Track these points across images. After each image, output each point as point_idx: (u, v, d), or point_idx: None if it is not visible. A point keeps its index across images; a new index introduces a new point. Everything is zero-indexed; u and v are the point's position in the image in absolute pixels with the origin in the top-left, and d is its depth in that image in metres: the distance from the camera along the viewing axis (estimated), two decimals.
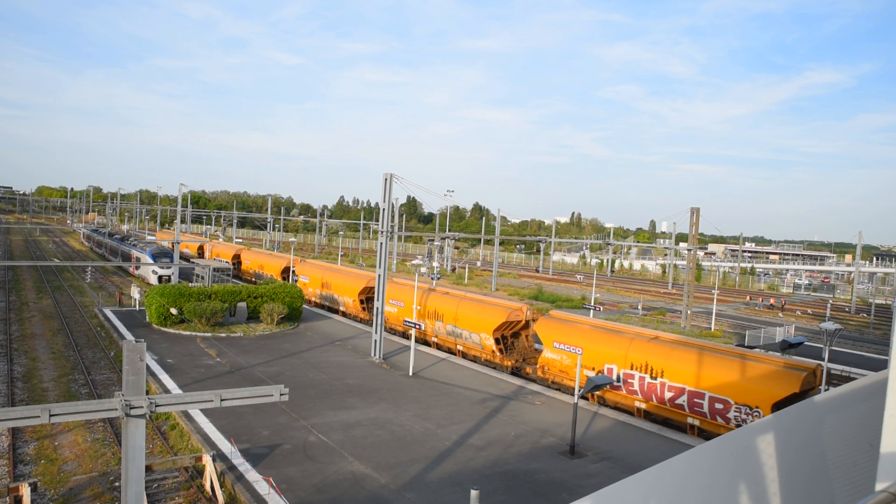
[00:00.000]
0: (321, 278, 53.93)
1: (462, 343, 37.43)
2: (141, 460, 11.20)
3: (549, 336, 31.99)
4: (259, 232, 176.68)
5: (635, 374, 27.54)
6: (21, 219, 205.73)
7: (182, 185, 61.56)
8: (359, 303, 47.55)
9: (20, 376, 30.51)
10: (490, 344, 35.12)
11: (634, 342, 28.37)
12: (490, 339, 35.02)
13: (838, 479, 4.00)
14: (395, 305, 43.20)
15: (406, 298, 41.72)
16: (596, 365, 29.05)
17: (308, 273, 56.88)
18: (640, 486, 4.86)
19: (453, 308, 38.14)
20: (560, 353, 31.06)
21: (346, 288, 49.74)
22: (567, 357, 30.68)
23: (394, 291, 43.14)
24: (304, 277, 56.70)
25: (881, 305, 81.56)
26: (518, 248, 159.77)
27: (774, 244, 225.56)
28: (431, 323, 39.53)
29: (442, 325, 38.79)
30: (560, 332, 31.67)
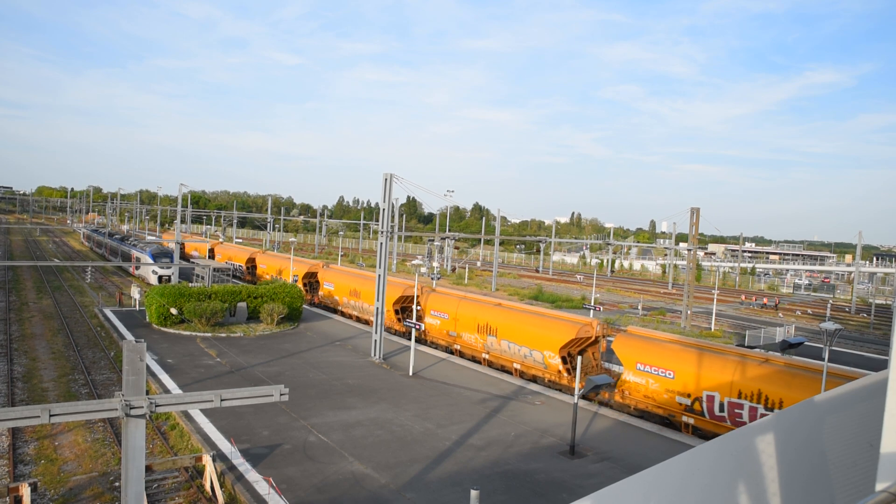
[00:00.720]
0: (349, 286, 49.42)
1: (520, 361, 33.49)
2: (141, 460, 11.20)
3: (630, 356, 28.39)
4: (259, 232, 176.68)
5: (744, 404, 23.87)
6: (21, 219, 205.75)
7: (182, 185, 61.61)
8: (393, 313, 43.36)
9: (20, 376, 30.51)
10: (556, 363, 31.13)
11: (742, 366, 24.57)
12: (556, 358, 31.02)
13: (838, 479, 4.00)
14: (438, 317, 39.53)
15: (450, 309, 38.59)
16: (691, 391, 25.48)
17: (334, 280, 52.69)
18: (640, 486, 4.86)
19: (511, 322, 34.30)
20: (645, 375, 27.40)
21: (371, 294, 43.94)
22: (654, 381, 26.99)
23: (437, 302, 40.14)
24: (329, 284, 52.97)
25: (881, 305, 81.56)
26: (518, 248, 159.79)
27: (774, 244, 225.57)
28: (482, 338, 35.80)
29: (495, 341, 34.83)
30: (645, 351, 28.07)
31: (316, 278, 57.05)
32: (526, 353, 32.99)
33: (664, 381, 26.64)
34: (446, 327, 38.75)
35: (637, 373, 27.87)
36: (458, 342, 37.94)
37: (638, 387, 27.76)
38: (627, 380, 28.25)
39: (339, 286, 51.35)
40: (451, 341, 38.33)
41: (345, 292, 50.33)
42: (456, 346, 38.11)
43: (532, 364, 32.81)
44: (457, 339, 38.00)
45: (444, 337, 39.29)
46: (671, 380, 26.23)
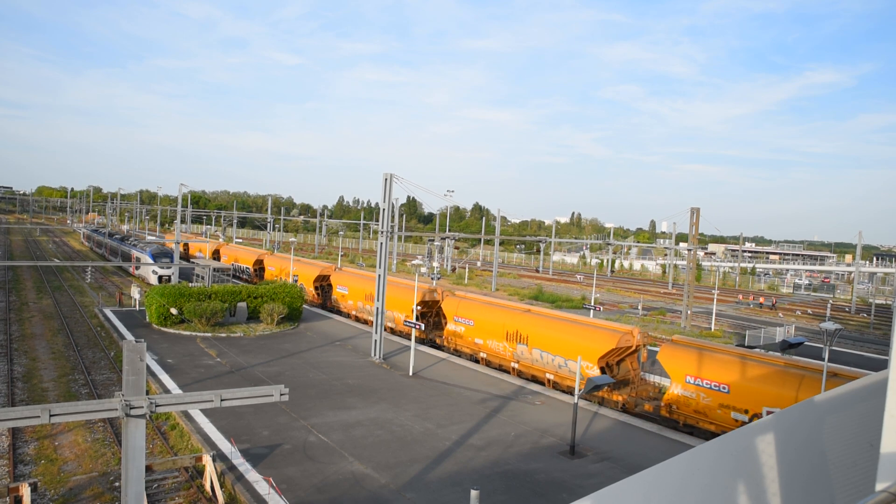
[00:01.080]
0: (366, 289, 45.99)
1: (553, 371, 31.46)
2: (141, 460, 11.20)
3: (679, 368, 26.95)
4: (259, 232, 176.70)
5: None
6: (21, 219, 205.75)
7: (182, 185, 61.59)
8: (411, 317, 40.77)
9: (20, 376, 30.51)
10: (594, 374, 28.96)
11: (801, 379, 23.30)
12: (595, 369, 29.07)
13: (838, 479, 4.00)
14: (462, 324, 37.18)
15: (475, 315, 36.68)
16: (750, 407, 24.17)
17: (348, 283, 49.44)
18: (640, 486, 4.86)
19: (544, 330, 32.36)
20: (696, 389, 26.00)
21: (401, 302, 42.25)
22: (707, 395, 25.59)
23: (461, 307, 38.04)
24: (343, 288, 49.85)
25: (881, 305, 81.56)
26: (518, 248, 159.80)
27: (774, 244, 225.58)
28: (511, 346, 33.90)
29: (526, 350, 32.95)
30: (696, 363, 26.46)
31: (328, 281, 54.39)
32: (560, 364, 30.85)
33: (718, 396, 25.21)
34: (472, 334, 36.64)
35: (687, 386, 26.28)
36: (484, 350, 35.80)
37: (688, 401, 26.30)
38: (675, 393, 26.68)
39: (354, 290, 48.28)
40: (477, 349, 36.11)
41: (360, 297, 47.44)
42: (482, 355, 35.83)
43: (567, 375, 30.54)
44: (482, 347, 35.88)
45: (468, 344, 37.00)
46: (726, 394, 24.76)
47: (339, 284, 50.96)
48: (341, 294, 50.39)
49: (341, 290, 50.48)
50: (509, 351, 34.17)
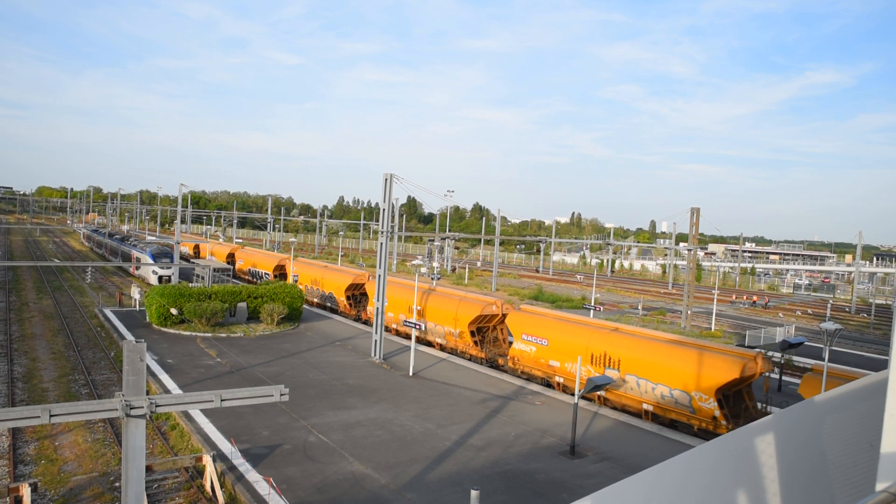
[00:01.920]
0: (408, 301, 40.98)
1: (653, 402, 27.05)
2: (141, 460, 11.20)
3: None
4: (259, 232, 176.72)
5: None
6: (21, 219, 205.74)
7: (182, 185, 61.50)
8: (469, 335, 36.83)
9: (20, 376, 30.51)
10: (709, 407, 24.97)
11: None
12: (710, 402, 24.96)
13: (838, 479, 4.00)
14: (533, 343, 32.49)
15: (549, 334, 31.76)
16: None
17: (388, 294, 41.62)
18: (640, 486, 4.86)
19: (640, 353, 27.83)
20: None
21: (448, 315, 37.81)
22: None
23: (530, 324, 33.10)
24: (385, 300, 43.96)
25: (881, 305, 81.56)
26: (518, 248, 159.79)
27: (774, 244, 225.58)
28: (596, 370, 29.13)
29: (617, 375, 28.35)
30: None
31: (362, 290, 49.66)
32: (664, 394, 26.64)
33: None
34: (545, 356, 31.76)
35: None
36: (561, 374, 31.04)
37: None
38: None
39: (394, 301, 42.66)
40: (551, 372, 31.48)
41: (402, 308, 42.17)
42: (557, 379, 31.12)
43: (671, 406, 26.43)
44: (558, 371, 31.18)
45: (540, 367, 32.16)
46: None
47: None
48: None
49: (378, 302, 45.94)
50: (594, 375, 28.70)
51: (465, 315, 36.72)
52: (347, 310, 50.13)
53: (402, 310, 42.25)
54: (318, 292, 53.99)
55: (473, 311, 36.50)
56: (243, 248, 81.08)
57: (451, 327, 37.85)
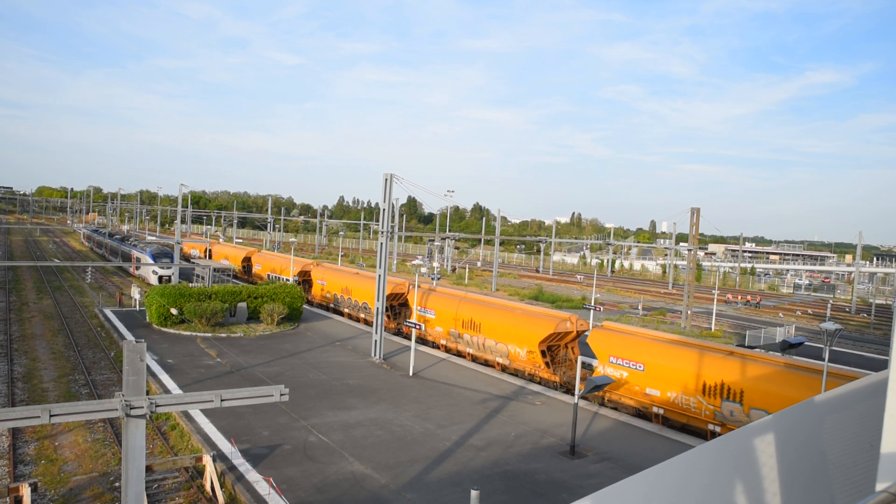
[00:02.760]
0: (462, 314, 36.56)
1: None
2: (141, 460, 11.20)
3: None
4: (259, 232, 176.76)
5: None
6: (21, 219, 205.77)
7: (182, 185, 61.48)
8: (539, 355, 31.71)
9: (20, 376, 30.51)
10: None
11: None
12: None
13: (838, 479, 4.00)
14: (625, 368, 27.83)
15: (649, 359, 27.28)
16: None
17: (435, 305, 39.45)
18: (640, 486, 4.86)
19: (771, 385, 23.34)
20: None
21: (515, 333, 33.28)
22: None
23: (623, 346, 28.52)
24: (429, 311, 39.71)
25: (881, 305, 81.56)
26: (518, 248, 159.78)
27: (774, 244, 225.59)
28: (711, 402, 24.67)
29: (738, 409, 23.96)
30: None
31: (402, 300, 45.06)
32: None
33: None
34: (639, 382, 27.42)
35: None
36: (661, 403, 26.77)
37: None
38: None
39: (442, 314, 38.25)
40: (648, 402, 27.10)
41: (453, 322, 37.65)
42: (656, 410, 26.91)
43: None
44: (658, 401, 26.81)
45: (632, 395, 27.68)
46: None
47: (423, 306, 40.45)
48: (425, 319, 40.07)
49: (426, 314, 40.01)
50: (708, 408, 24.94)
51: (535, 333, 31.88)
52: (385, 322, 43.06)
53: (452, 323, 37.33)
54: (350, 302, 48.38)
55: (545, 328, 31.62)
56: (260, 251, 74.49)
57: (515, 346, 33.02)
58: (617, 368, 28.10)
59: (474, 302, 37.76)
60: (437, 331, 38.77)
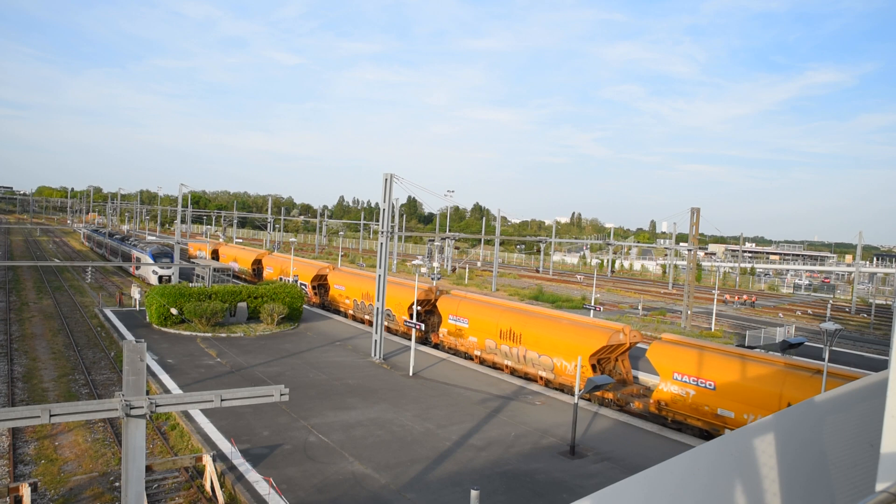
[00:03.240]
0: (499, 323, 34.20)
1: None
2: (141, 460, 11.20)
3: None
4: (259, 232, 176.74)
5: None
6: (21, 219, 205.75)
7: (182, 185, 61.47)
8: (590, 370, 29.51)
9: (20, 376, 30.51)
10: None
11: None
12: None
13: (838, 480, 4.00)
14: (695, 386, 25.50)
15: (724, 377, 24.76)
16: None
17: (469, 313, 36.47)
18: (640, 486, 4.86)
19: None
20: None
21: (563, 345, 30.56)
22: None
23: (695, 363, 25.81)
24: (462, 320, 36.69)
25: (881, 306, 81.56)
26: (518, 248, 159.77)
27: (774, 244, 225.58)
28: None
29: None
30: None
31: (429, 306, 41.74)
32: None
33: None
34: (709, 402, 25.05)
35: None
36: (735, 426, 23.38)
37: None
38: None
39: (477, 323, 35.50)
40: (719, 423, 25.03)
41: (491, 332, 34.79)
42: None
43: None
44: (730, 422, 24.63)
45: (701, 415, 25.56)
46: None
47: (455, 314, 37.06)
48: (457, 328, 36.89)
49: (457, 323, 37.03)
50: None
51: (585, 345, 29.29)
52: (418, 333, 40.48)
53: (491, 333, 34.57)
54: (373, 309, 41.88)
55: (597, 339, 29.20)
56: (271, 253, 69.38)
57: (562, 359, 30.57)
58: (682, 386, 25.82)
59: (515, 311, 34.84)
60: (471, 341, 35.76)
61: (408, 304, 39.68)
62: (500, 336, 34.11)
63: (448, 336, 37.97)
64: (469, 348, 36.50)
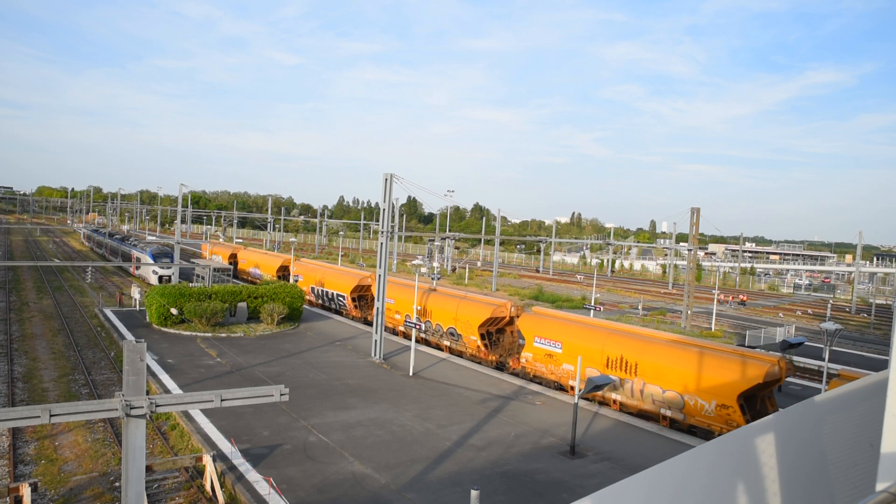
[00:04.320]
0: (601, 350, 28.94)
1: None
2: (141, 460, 11.20)
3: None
4: (259, 232, 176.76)
5: None
6: (21, 219, 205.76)
7: (182, 185, 61.44)
8: (738, 411, 24.19)
9: (20, 376, 30.51)
10: None
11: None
12: None
13: (838, 480, 4.00)
14: None
15: None
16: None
17: (561, 336, 30.89)
18: (640, 486, 4.85)
19: None
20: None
21: (700, 379, 25.34)
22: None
23: None
24: (554, 344, 30.98)
25: (881, 305, 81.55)
26: (518, 248, 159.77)
27: (775, 244, 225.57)
28: None
29: None
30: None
31: (500, 326, 36.34)
32: None
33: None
34: None
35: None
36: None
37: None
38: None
39: (577, 349, 29.13)
40: None
41: (593, 361, 29.03)
42: None
43: None
44: None
45: None
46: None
47: (544, 336, 31.71)
48: (547, 353, 31.35)
49: (549, 347, 31.36)
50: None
51: (732, 381, 24.20)
52: (485, 354, 35.77)
53: (591, 361, 28.84)
54: (431, 328, 39.07)
55: (750, 373, 23.89)
56: (299, 259, 61.77)
57: (698, 397, 25.34)
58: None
59: (627, 335, 29.34)
60: (566, 369, 30.47)
61: (478, 322, 34.59)
62: (608, 366, 28.65)
63: (534, 362, 32.47)
64: (561, 377, 31.04)
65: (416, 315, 36.49)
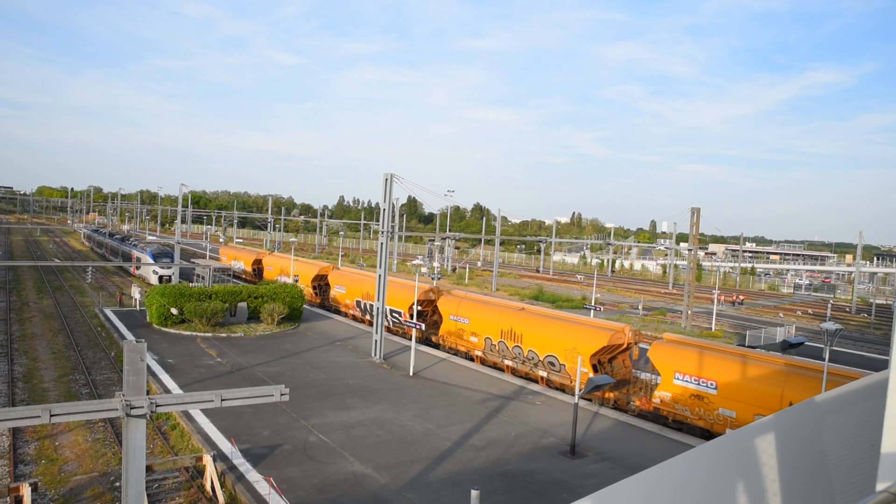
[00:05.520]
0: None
1: None
2: (141, 460, 11.21)
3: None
4: (259, 232, 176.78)
5: None
6: (21, 219, 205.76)
7: (182, 185, 61.47)
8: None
9: (21, 376, 30.51)
10: None
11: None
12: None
13: (838, 479, 4.00)
14: None
15: None
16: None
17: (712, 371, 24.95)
18: (640, 486, 4.85)
19: None
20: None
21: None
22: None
23: None
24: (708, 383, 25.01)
25: (882, 305, 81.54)
26: (518, 248, 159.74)
27: (775, 244, 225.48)
28: None
29: None
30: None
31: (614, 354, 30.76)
32: None
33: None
34: None
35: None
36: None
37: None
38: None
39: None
40: None
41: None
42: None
43: None
44: None
45: None
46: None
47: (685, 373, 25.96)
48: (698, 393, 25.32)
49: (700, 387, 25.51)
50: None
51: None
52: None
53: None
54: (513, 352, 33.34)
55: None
56: (337, 267, 55.93)
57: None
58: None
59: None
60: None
61: (590, 351, 29.50)
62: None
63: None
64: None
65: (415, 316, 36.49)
